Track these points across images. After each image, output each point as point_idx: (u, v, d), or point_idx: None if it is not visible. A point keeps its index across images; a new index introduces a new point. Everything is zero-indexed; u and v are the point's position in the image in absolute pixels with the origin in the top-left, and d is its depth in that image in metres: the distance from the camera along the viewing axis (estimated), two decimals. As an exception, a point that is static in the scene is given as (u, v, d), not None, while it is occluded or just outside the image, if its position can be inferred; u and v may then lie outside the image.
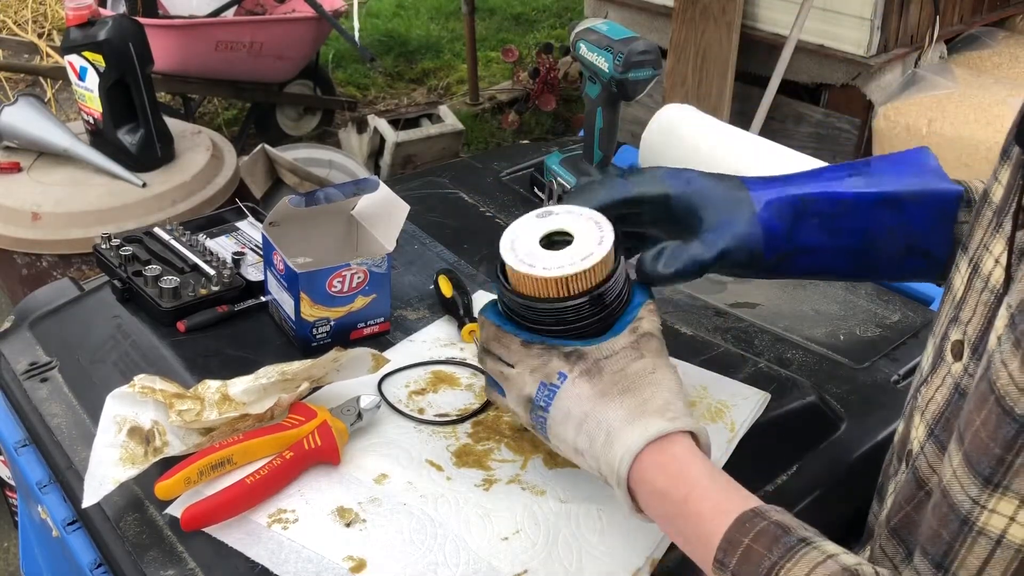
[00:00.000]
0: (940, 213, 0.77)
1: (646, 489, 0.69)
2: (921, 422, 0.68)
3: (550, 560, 0.76)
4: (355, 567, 0.75)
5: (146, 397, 0.84)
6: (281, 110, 3.73)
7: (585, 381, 0.72)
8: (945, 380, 0.65)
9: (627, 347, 0.74)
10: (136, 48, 2.00)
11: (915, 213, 0.76)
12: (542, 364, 0.74)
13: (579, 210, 0.78)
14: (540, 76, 3.91)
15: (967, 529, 0.55)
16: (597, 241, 0.75)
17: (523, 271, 0.74)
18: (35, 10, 4.76)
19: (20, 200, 2.01)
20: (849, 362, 1.03)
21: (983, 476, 0.53)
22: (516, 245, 0.76)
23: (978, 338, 0.61)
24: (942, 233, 0.77)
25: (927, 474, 0.66)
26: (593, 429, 0.71)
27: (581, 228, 0.76)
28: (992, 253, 0.61)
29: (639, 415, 0.70)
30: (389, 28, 5.05)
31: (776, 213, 0.76)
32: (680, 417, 0.70)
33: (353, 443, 0.87)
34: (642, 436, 0.69)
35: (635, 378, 0.72)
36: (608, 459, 0.70)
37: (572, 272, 0.73)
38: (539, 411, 0.74)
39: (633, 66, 1.13)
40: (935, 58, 3.04)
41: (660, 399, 0.71)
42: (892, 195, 0.76)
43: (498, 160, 1.47)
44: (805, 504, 0.85)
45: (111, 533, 0.81)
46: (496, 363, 0.78)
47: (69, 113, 3.99)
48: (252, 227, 1.21)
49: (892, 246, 0.78)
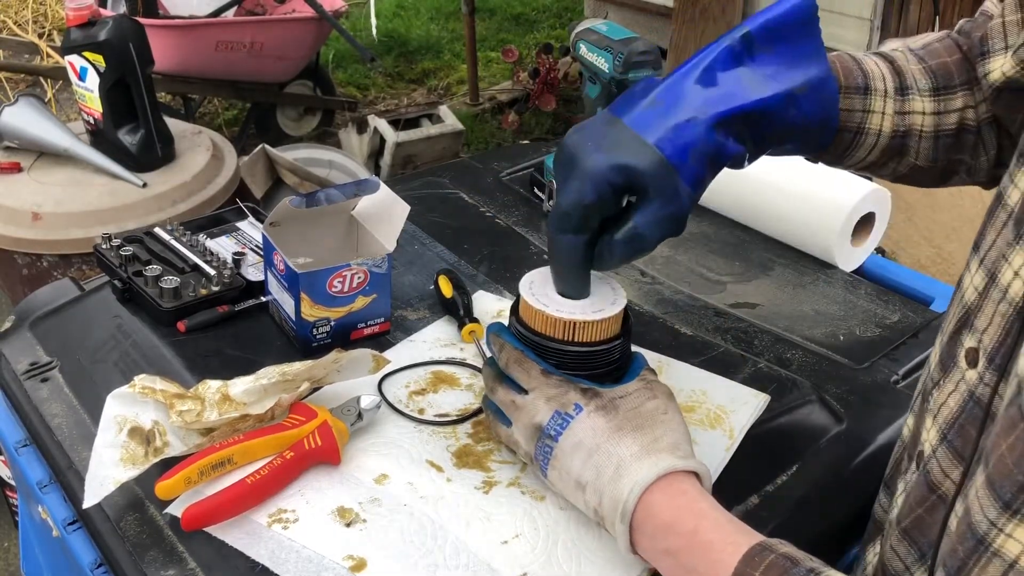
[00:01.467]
0: (827, 101, 0.75)
1: (652, 524, 0.70)
2: (933, 425, 0.68)
3: (549, 564, 0.76)
4: (355, 567, 0.75)
5: (146, 397, 0.85)
6: (281, 110, 3.73)
7: (601, 415, 0.74)
8: (959, 386, 0.65)
9: (640, 389, 0.77)
10: (136, 48, 2.00)
11: (809, 107, 0.75)
12: (560, 393, 0.76)
13: (599, 274, 0.81)
14: (540, 76, 3.91)
15: (982, 549, 0.55)
16: (610, 301, 0.80)
17: (537, 307, 0.78)
18: (35, 10, 4.76)
19: (20, 200, 2.01)
20: (849, 362, 1.03)
21: (1003, 500, 0.53)
22: (534, 287, 0.81)
23: (994, 349, 0.61)
24: (828, 121, 0.76)
25: (939, 479, 0.66)
26: (603, 462, 0.73)
27: (596, 287, 0.81)
28: (1012, 265, 0.61)
29: (651, 451, 0.72)
30: (389, 28, 5.05)
31: (696, 159, 0.71)
32: (689, 458, 0.73)
33: (353, 443, 0.87)
34: (653, 470, 0.70)
35: (648, 416, 0.75)
36: (614, 492, 0.71)
37: (581, 319, 0.77)
38: (547, 440, 0.76)
39: (633, 66, 1.13)
40: (935, 58, 3.04)
41: (671, 438, 0.74)
42: (787, 93, 0.74)
43: (498, 160, 1.47)
44: (805, 504, 0.85)
45: (111, 533, 0.81)
46: (508, 391, 0.79)
47: (69, 113, 3.99)
48: (252, 227, 1.21)
49: (789, 137, 0.76)
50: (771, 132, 0.75)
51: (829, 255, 1.22)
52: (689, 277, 1.18)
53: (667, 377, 0.96)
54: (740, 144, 0.74)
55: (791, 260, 1.23)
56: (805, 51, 0.75)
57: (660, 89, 0.74)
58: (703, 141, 0.71)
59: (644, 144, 0.71)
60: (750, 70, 0.74)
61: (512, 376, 0.79)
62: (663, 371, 0.97)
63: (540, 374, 0.77)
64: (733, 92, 0.72)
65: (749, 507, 0.83)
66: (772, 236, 1.27)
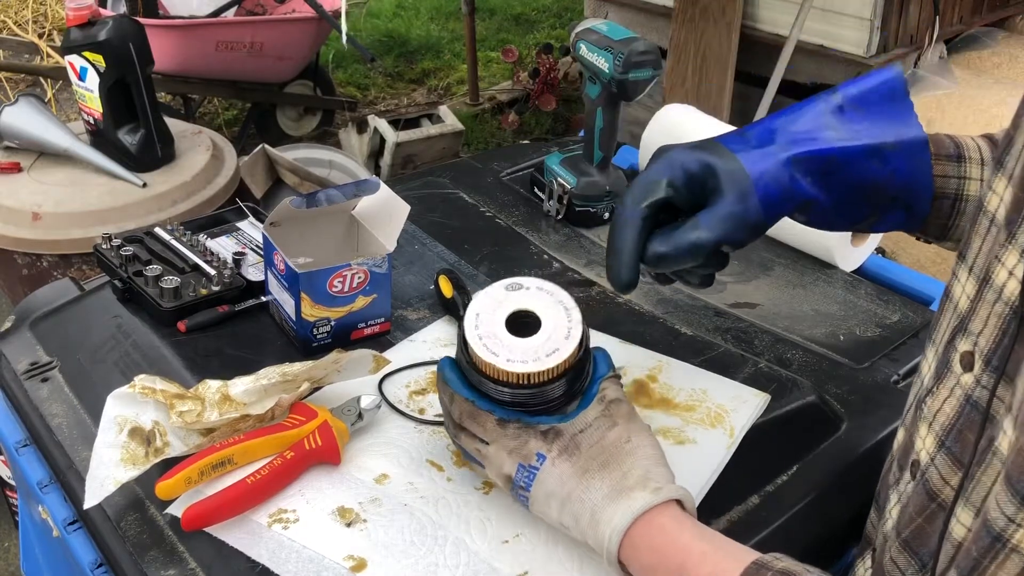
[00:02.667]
0: (919, 163, 0.77)
1: (637, 565, 0.69)
2: (929, 433, 0.68)
3: (550, 563, 0.76)
4: (355, 567, 0.75)
5: (147, 397, 0.85)
6: (281, 110, 3.73)
7: (565, 460, 0.72)
8: (954, 391, 0.65)
9: (599, 417, 0.74)
10: (136, 48, 2.00)
11: (898, 164, 0.77)
12: (520, 445, 0.74)
13: (550, 288, 0.77)
14: (540, 76, 3.91)
15: (999, 546, 0.54)
16: (564, 334, 0.74)
17: (486, 359, 0.74)
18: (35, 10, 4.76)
19: (20, 200, 2.01)
20: (849, 362, 1.03)
21: (1021, 495, 0.53)
22: (480, 325, 0.76)
23: (991, 350, 0.61)
24: (922, 185, 0.78)
25: (939, 486, 0.66)
26: (577, 509, 0.71)
27: (549, 313, 0.75)
28: (1005, 265, 0.61)
29: (621, 491, 0.70)
30: (389, 28, 5.05)
31: (771, 179, 0.75)
32: (663, 487, 0.70)
33: (354, 443, 0.87)
34: (627, 514, 0.69)
35: (612, 450, 0.72)
36: (596, 538, 0.70)
37: (535, 370, 0.73)
38: (520, 490, 0.74)
39: (633, 66, 1.13)
40: (935, 58, 3.04)
41: (640, 470, 0.71)
42: (873, 147, 0.76)
43: (498, 160, 1.47)
44: (805, 504, 0.85)
45: (112, 533, 0.81)
46: (471, 439, 0.77)
47: (69, 113, 3.99)
48: (252, 227, 1.21)
49: (883, 197, 0.78)
50: (855, 183, 0.77)
51: (829, 255, 1.22)
52: (689, 277, 1.18)
53: (667, 376, 0.96)
54: (815, 189, 0.76)
55: (791, 260, 1.23)
56: (897, 116, 0.77)
57: (750, 127, 0.79)
58: (779, 170, 0.75)
59: (728, 152, 0.75)
60: (839, 122, 0.77)
61: (468, 428, 0.77)
62: (663, 371, 0.97)
63: (495, 425, 0.74)
64: (816, 136, 0.76)
65: (749, 507, 0.83)
66: (772, 236, 1.27)
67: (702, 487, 0.83)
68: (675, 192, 0.76)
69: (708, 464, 0.85)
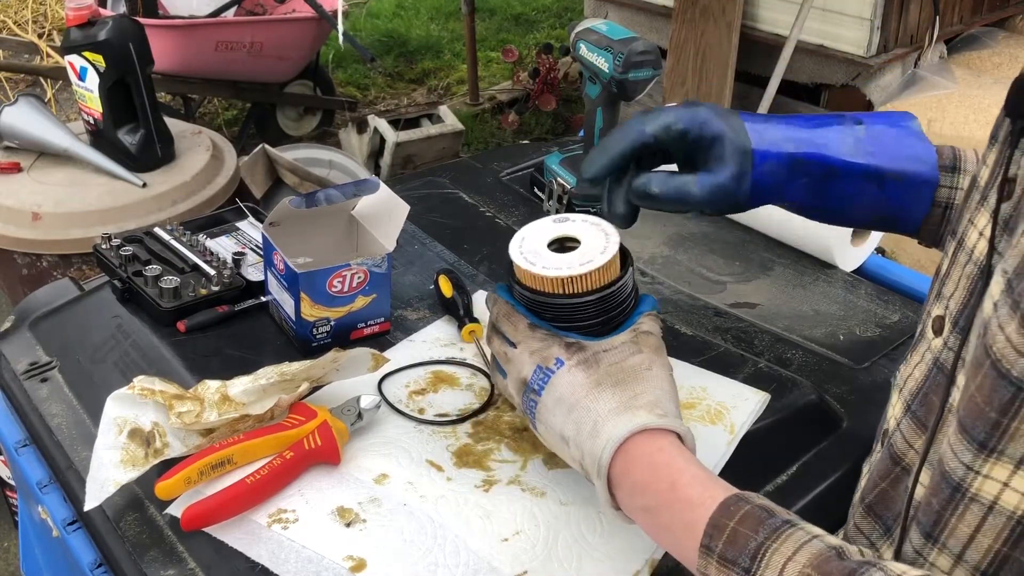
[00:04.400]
0: (915, 195, 0.79)
1: (629, 481, 0.69)
2: (899, 400, 0.68)
3: (550, 561, 0.76)
4: (355, 567, 0.75)
5: (146, 399, 0.85)
6: (281, 110, 3.73)
7: (581, 370, 0.74)
8: (924, 356, 0.65)
9: (626, 342, 0.75)
10: (136, 48, 2.00)
11: (893, 192, 0.79)
12: (543, 347, 0.76)
13: (595, 220, 0.81)
14: (540, 76, 3.91)
15: (959, 496, 0.54)
16: (600, 250, 0.77)
17: (524, 267, 0.77)
18: (35, 10, 4.76)
19: (20, 200, 2.01)
20: (849, 362, 1.03)
21: (978, 441, 0.52)
22: (524, 244, 0.80)
23: (959, 312, 0.61)
24: (914, 210, 0.80)
25: (903, 449, 0.66)
26: (581, 417, 0.72)
27: (590, 236, 0.79)
28: (976, 226, 0.61)
29: (628, 408, 0.71)
30: (389, 28, 5.05)
31: (770, 170, 0.77)
32: (668, 416, 0.71)
33: (353, 443, 0.87)
34: (627, 427, 0.69)
35: (630, 372, 0.73)
36: (592, 449, 0.70)
37: (567, 275, 0.76)
38: (532, 394, 0.75)
39: (633, 66, 1.13)
40: (935, 58, 3.04)
41: (651, 395, 0.72)
42: (877, 171, 0.78)
43: (498, 160, 1.47)
44: (805, 504, 0.85)
45: (111, 533, 0.81)
46: (502, 343, 0.79)
47: (69, 113, 3.99)
48: (252, 227, 1.21)
49: (866, 213, 0.81)
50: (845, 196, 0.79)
51: (829, 255, 1.22)
52: (689, 277, 1.18)
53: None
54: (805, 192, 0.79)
55: (791, 260, 1.23)
56: (913, 153, 0.79)
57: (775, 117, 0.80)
58: (780, 166, 0.77)
59: (744, 131, 0.76)
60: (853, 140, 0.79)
61: (501, 329, 0.79)
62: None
63: (526, 328, 0.77)
64: (827, 144, 0.78)
65: (749, 507, 0.83)
66: (772, 236, 1.27)
67: (702, 487, 0.83)
68: (681, 142, 0.77)
69: (709, 461, 0.85)
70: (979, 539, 0.54)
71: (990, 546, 0.53)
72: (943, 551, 0.56)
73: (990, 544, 0.53)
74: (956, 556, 0.55)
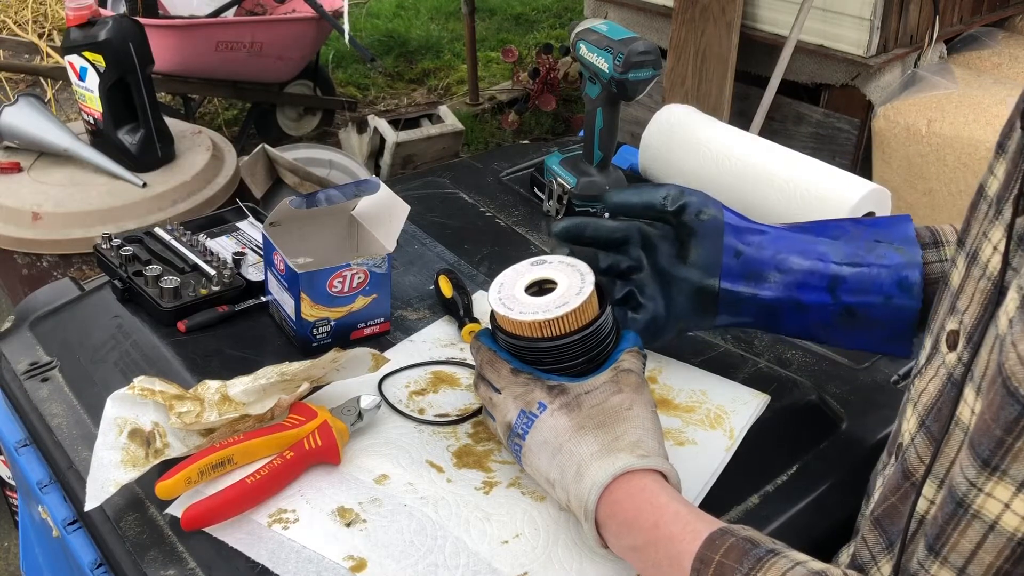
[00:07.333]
0: (889, 332, 0.84)
1: (615, 522, 0.71)
2: (913, 414, 0.68)
3: (550, 563, 0.76)
4: (355, 567, 0.75)
5: (146, 399, 0.85)
6: (281, 110, 3.73)
7: (564, 414, 0.75)
8: (939, 371, 0.65)
9: (607, 382, 0.76)
10: (136, 48, 2.00)
11: (863, 328, 0.85)
12: (525, 392, 0.77)
13: (571, 261, 0.82)
14: (540, 76, 3.91)
15: (962, 512, 0.54)
16: (576, 292, 0.78)
17: (502, 312, 0.79)
18: (35, 10, 4.76)
19: (20, 200, 2.01)
20: (849, 362, 1.03)
21: (982, 458, 0.53)
22: (503, 290, 0.82)
23: (974, 327, 0.61)
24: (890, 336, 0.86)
25: (915, 465, 0.66)
26: (565, 461, 0.73)
27: (566, 277, 0.80)
28: (991, 240, 0.61)
29: (610, 451, 0.72)
30: (389, 28, 5.05)
31: (733, 312, 0.87)
32: (651, 456, 0.73)
33: (353, 443, 0.87)
34: (609, 471, 0.71)
35: (611, 412, 0.75)
36: (578, 492, 0.72)
37: (544, 318, 0.77)
38: (516, 438, 0.77)
39: (633, 66, 1.13)
40: (935, 58, 3.04)
41: (633, 435, 0.74)
42: (851, 307, 0.83)
43: (498, 160, 1.47)
44: (805, 504, 0.85)
45: (111, 533, 0.81)
46: (487, 389, 0.81)
47: (69, 113, 3.99)
48: (252, 227, 1.21)
49: (831, 337, 0.88)
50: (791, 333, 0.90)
51: (829, 255, 1.21)
52: (689, 277, 1.18)
53: (667, 377, 0.96)
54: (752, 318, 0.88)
55: (791, 260, 1.23)
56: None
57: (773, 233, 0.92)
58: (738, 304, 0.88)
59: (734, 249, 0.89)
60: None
61: (485, 376, 0.81)
62: (663, 372, 0.97)
63: (508, 373, 0.79)
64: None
65: (749, 507, 0.83)
66: (772, 236, 1.27)
67: (702, 488, 0.83)
68: (654, 212, 0.89)
69: (708, 465, 0.85)
70: (981, 555, 0.54)
71: (991, 563, 0.53)
72: (945, 565, 0.56)
73: (991, 560, 0.53)
74: (958, 570, 0.55)
